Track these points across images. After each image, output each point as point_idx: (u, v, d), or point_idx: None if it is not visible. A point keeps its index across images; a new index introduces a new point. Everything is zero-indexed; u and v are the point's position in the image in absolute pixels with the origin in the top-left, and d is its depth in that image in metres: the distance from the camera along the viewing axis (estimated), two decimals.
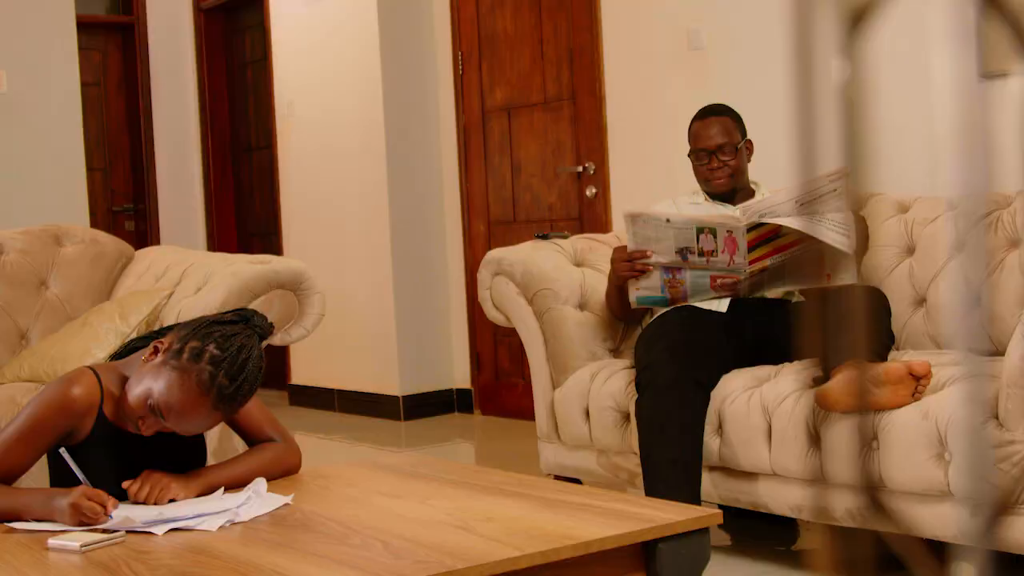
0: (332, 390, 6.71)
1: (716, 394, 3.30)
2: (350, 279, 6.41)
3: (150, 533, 2.08)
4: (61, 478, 2.39)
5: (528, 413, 5.91)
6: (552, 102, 5.72)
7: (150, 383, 2.27)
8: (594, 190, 5.50)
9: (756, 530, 3.68)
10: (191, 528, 2.10)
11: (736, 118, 3.81)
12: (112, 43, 7.77)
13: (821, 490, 3.02)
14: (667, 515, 2.05)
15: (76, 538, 2.04)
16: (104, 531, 2.09)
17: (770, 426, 3.14)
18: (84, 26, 6.44)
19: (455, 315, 6.32)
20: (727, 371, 3.39)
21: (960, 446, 2.73)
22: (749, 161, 3.80)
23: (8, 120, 5.61)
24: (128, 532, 2.10)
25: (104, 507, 2.15)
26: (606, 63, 5.34)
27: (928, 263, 3.55)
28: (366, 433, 6.02)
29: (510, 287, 3.91)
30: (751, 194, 3.75)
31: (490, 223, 6.09)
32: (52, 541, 2.05)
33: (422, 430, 6.00)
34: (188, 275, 3.82)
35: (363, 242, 6.43)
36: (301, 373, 6.98)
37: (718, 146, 3.75)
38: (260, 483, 2.33)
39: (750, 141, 3.80)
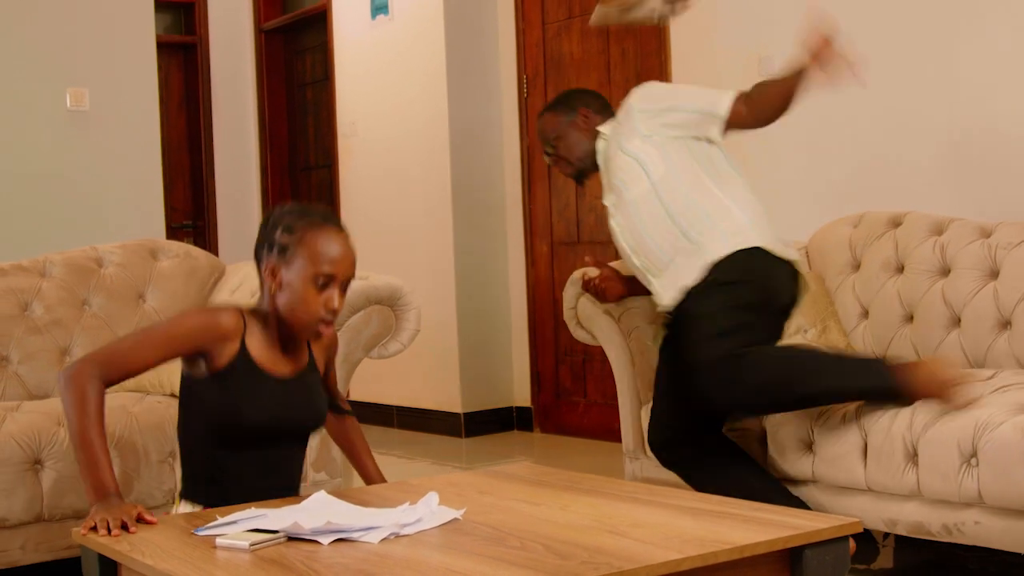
0: (391, 406, 6.79)
1: (808, 411, 3.36)
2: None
3: (316, 542, 2.12)
4: (189, 405, 2.55)
5: (588, 431, 5.99)
6: None
7: (300, 271, 2.51)
8: None
9: None
10: (355, 540, 2.11)
11: (555, 110, 3.81)
12: (174, 62, 7.88)
13: (918, 505, 3.10)
14: (812, 523, 2.12)
15: (244, 537, 2.12)
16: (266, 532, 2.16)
17: (866, 443, 3.21)
18: None
19: (517, 334, 6.41)
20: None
21: None
22: (585, 129, 3.78)
23: (90, 137, 5.71)
24: (290, 539, 2.14)
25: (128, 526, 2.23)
26: None
27: (1013, 286, 3.62)
28: (425, 449, 6.10)
29: (597, 306, 3.98)
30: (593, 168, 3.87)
31: (553, 244, 6.17)
32: (220, 540, 2.13)
33: (483, 447, 6.08)
34: None
35: (426, 261, 6.52)
36: (359, 389, 7.04)
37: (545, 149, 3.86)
38: (432, 497, 2.29)
39: (582, 111, 3.78)
